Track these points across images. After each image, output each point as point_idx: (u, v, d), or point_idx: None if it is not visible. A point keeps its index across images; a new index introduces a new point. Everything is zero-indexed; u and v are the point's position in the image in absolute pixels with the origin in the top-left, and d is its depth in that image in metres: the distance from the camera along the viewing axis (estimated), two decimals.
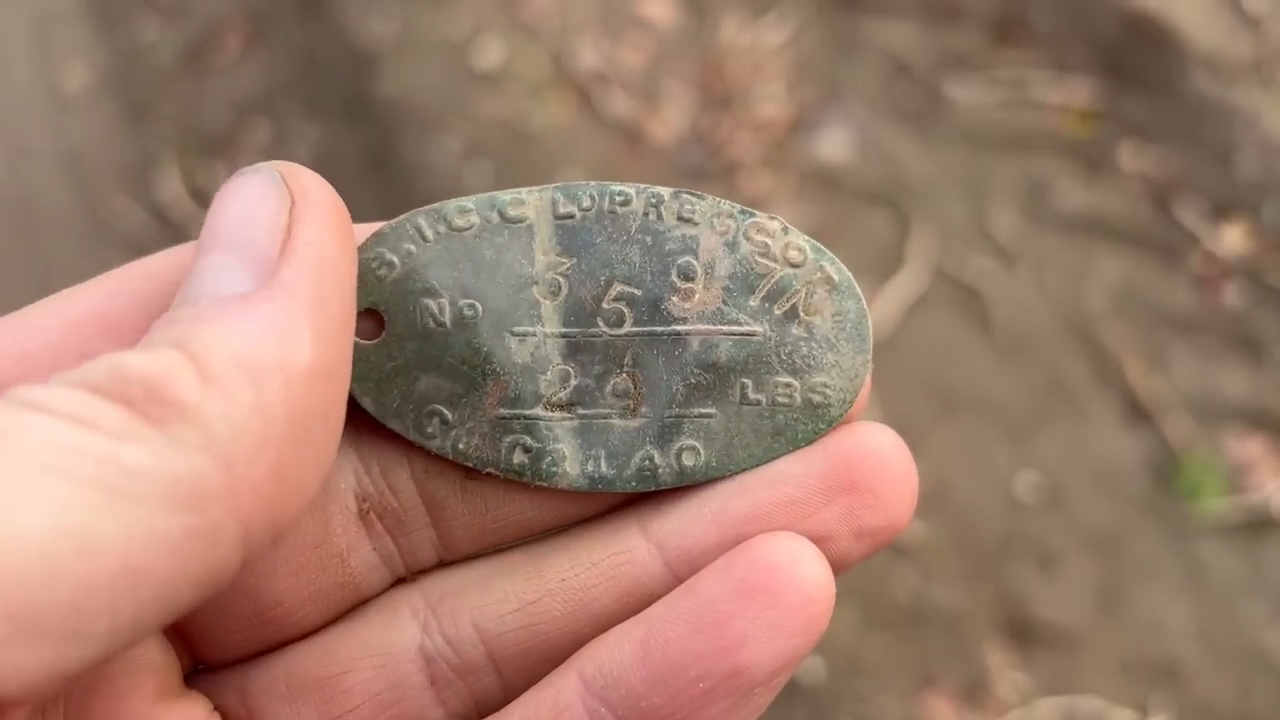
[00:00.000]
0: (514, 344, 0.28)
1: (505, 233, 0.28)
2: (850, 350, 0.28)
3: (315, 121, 1.42)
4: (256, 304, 0.22)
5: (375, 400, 0.27)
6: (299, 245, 0.23)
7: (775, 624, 0.25)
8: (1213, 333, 1.20)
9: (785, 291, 0.28)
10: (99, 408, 0.19)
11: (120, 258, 1.27)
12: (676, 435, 0.28)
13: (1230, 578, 1.08)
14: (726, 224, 0.28)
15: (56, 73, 1.51)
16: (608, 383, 0.28)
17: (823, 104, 1.39)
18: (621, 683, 0.26)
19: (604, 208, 0.28)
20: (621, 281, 0.28)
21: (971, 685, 1.04)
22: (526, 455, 0.28)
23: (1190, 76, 1.34)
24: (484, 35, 1.45)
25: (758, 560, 0.25)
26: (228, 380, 0.20)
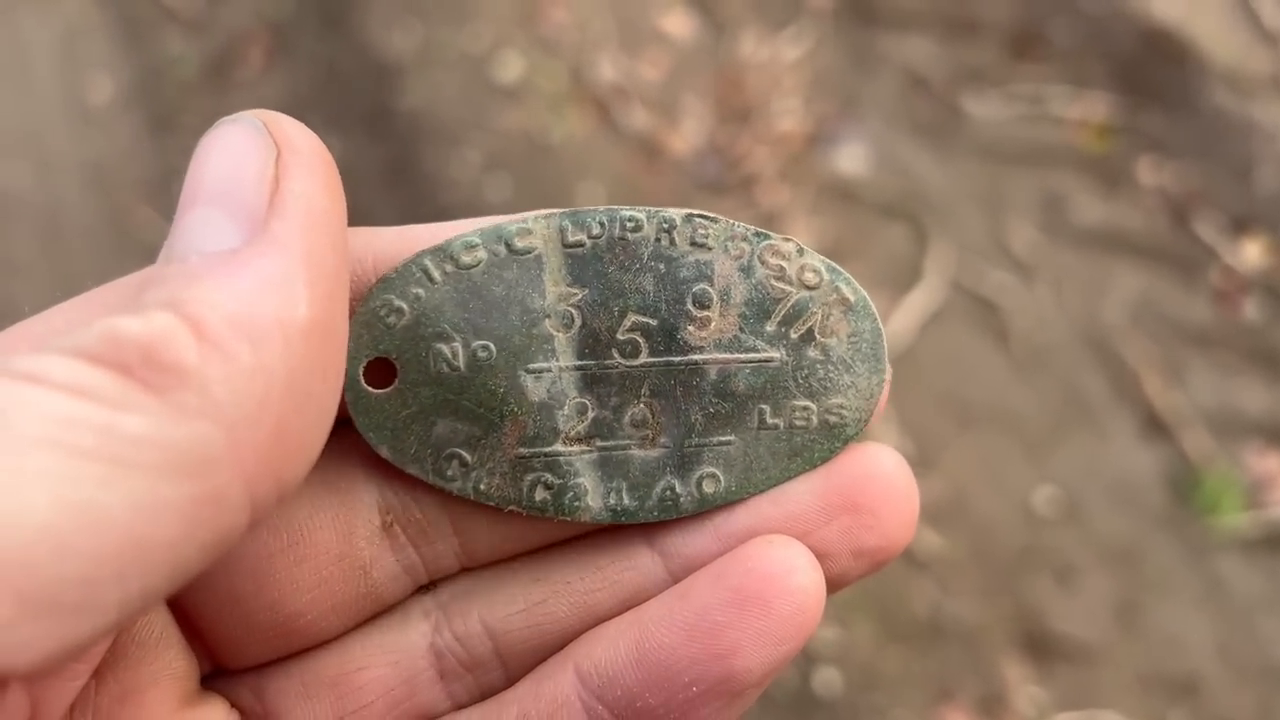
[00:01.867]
0: (530, 382, 0.27)
1: (514, 266, 0.27)
2: (866, 370, 0.28)
3: (337, 134, 1.43)
4: (248, 260, 0.21)
5: (392, 448, 0.27)
6: (287, 197, 0.22)
7: (767, 633, 0.25)
8: (1231, 347, 1.20)
9: (802, 314, 0.28)
10: (96, 376, 0.19)
11: (143, 268, 1.28)
12: (696, 464, 0.28)
13: (1249, 593, 1.07)
14: (741, 247, 0.27)
15: (81, 85, 1.53)
16: (625, 413, 0.28)
17: (840, 118, 1.39)
18: (617, 683, 0.26)
19: (614, 234, 0.27)
20: (636, 311, 0.27)
21: (989, 699, 1.04)
22: (548, 492, 0.28)
23: (1209, 91, 1.34)
24: (504, 49, 1.46)
25: (752, 569, 0.26)
26: (225, 341, 0.20)
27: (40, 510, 0.17)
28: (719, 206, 1.33)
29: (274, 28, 1.54)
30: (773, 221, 1.31)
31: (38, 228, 1.41)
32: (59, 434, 0.18)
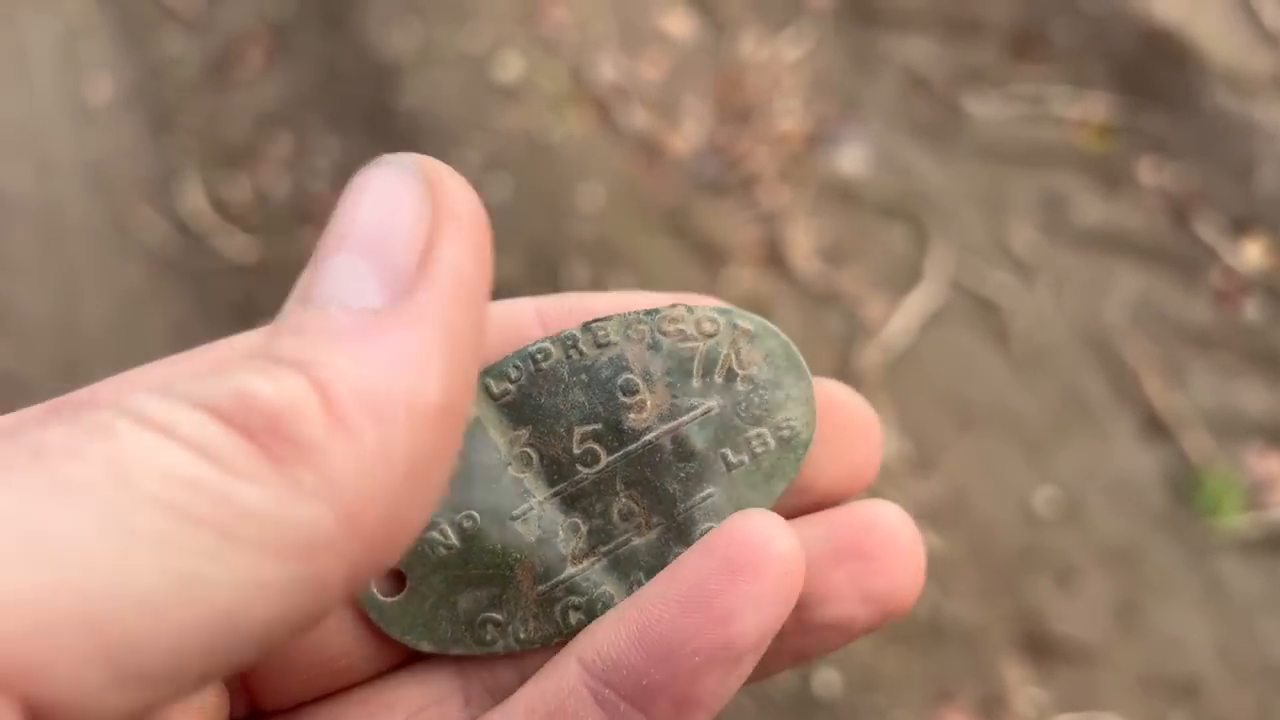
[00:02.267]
0: (520, 528, 0.29)
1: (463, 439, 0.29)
2: (792, 380, 0.30)
3: (337, 134, 1.44)
4: (388, 328, 0.20)
5: (431, 641, 0.29)
6: (438, 263, 0.22)
7: (758, 596, 0.26)
8: (1232, 348, 1.20)
9: (716, 360, 0.29)
10: (222, 438, 0.18)
11: (142, 268, 1.28)
12: (693, 525, 0.29)
13: (1250, 594, 1.07)
14: (640, 330, 0.29)
15: (81, 85, 1.53)
16: (613, 513, 0.29)
17: (841, 118, 1.39)
18: (621, 665, 0.27)
19: (530, 371, 0.29)
20: (580, 424, 0.29)
21: (989, 700, 1.03)
22: (580, 612, 0.29)
23: (1209, 91, 1.34)
24: (504, 49, 1.46)
25: (737, 539, 0.26)
26: (352, 419, 0.19)
27: (144, 578, 0.16)
28: (719, 207, 1.33)
29: (274, 27, 1.54)
30: (773, 221, 1.31)
31: (37, 227, 1.41)
32: (177, 497, 0.17)
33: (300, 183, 1.41)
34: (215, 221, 1.40)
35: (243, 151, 1.45)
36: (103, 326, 1.31)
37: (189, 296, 1.34)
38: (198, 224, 1.40)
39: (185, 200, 1.42)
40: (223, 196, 1.42)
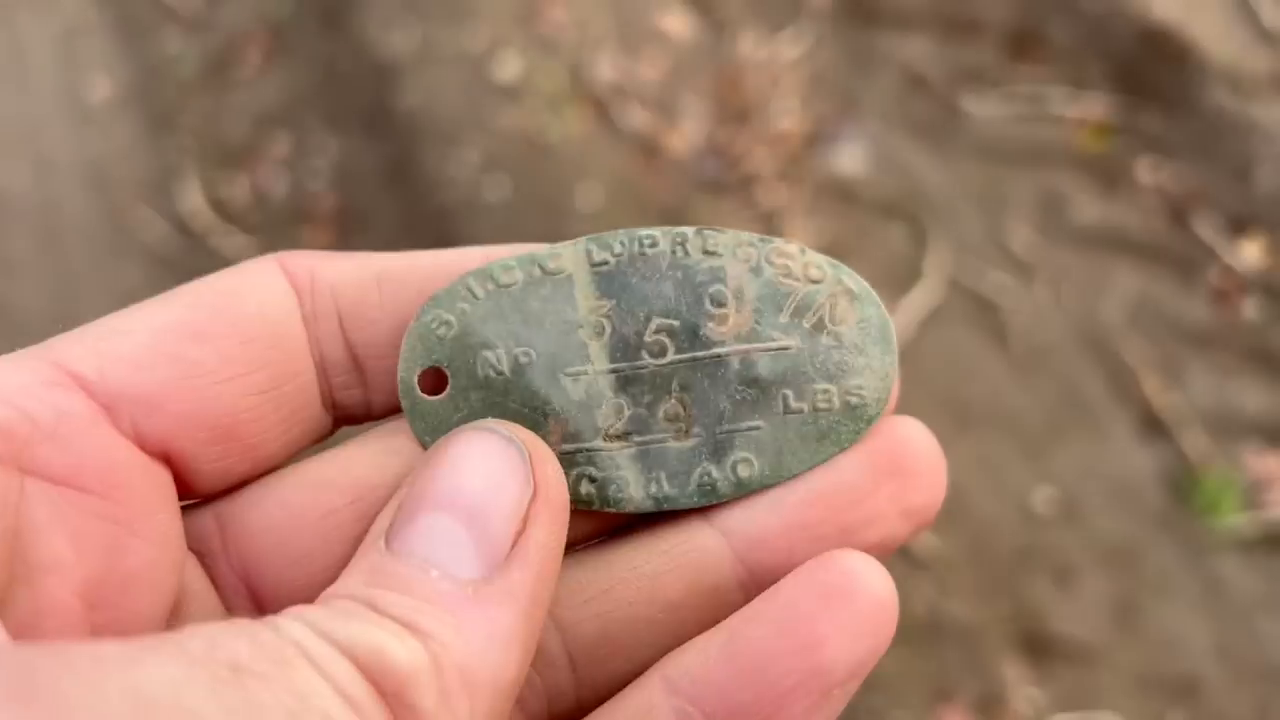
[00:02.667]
0: (568, 384, 0.29)
1: (548, 285, 0.29)
2: (878, 352, 0.30)
3: (335, 134, 1.44)
4: (485, 606, 0.23)
5: None
6: (531, 545, 0.24)
7: (853, 626, 0.26)
8: (1230, 347, 1.20)
9: (811, 305, 0.30)
10: (364, 692, 0.20)
11: (141, 268, 1.28)
12: (729, 449, 0.29)
13: (1249, 594, 1.07)
14: (749, 252, 0.30)
15: (80, 84, 1.53)
16: (659, 409, 0.30)
17: (839, 118, 1.39)
18: (707, 681, 0.27)
19: (634, 251, 0.30)
20: (660, 315, 0.29)
21: (987, 700, 1.04)
22: (593, 485, 0.29)
23: (1208, 91, 1.34)
24: (503, 49, 1.46)
25: (834, 569, 0.27)
26: (453, 694, 0.21)
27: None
28: (718, 206, 1.33)
29: (273, 27, 1.54)
30: (772, 221, 1.31)
31: (36, 227, 1.41)
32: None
33: (299, 182, 1.41)
34: (214, 221, 1.40)
35: (241, 151, 1.45)
36: None
37: None
38: (196, 223, 1.40)
39: (184, 200, 1.42)
40: (221, 196, 1.42)
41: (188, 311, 0.27)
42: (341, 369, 0.29)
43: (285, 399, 0.28)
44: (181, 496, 0.28)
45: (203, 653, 0.19)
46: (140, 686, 0.18)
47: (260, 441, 0.28)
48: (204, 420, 0.27)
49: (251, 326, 0.27)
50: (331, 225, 1.35)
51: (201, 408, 0.26)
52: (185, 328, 0.27)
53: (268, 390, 0.28)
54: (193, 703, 0.18)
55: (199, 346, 0.26)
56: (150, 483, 0.26)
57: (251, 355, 0.27)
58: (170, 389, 0.26)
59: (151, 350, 0.26)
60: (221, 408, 0.27)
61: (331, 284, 0.29)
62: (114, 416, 0.26)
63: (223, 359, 0.27)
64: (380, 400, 0.30)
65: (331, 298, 0.29)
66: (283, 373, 0.28)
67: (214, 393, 0.27)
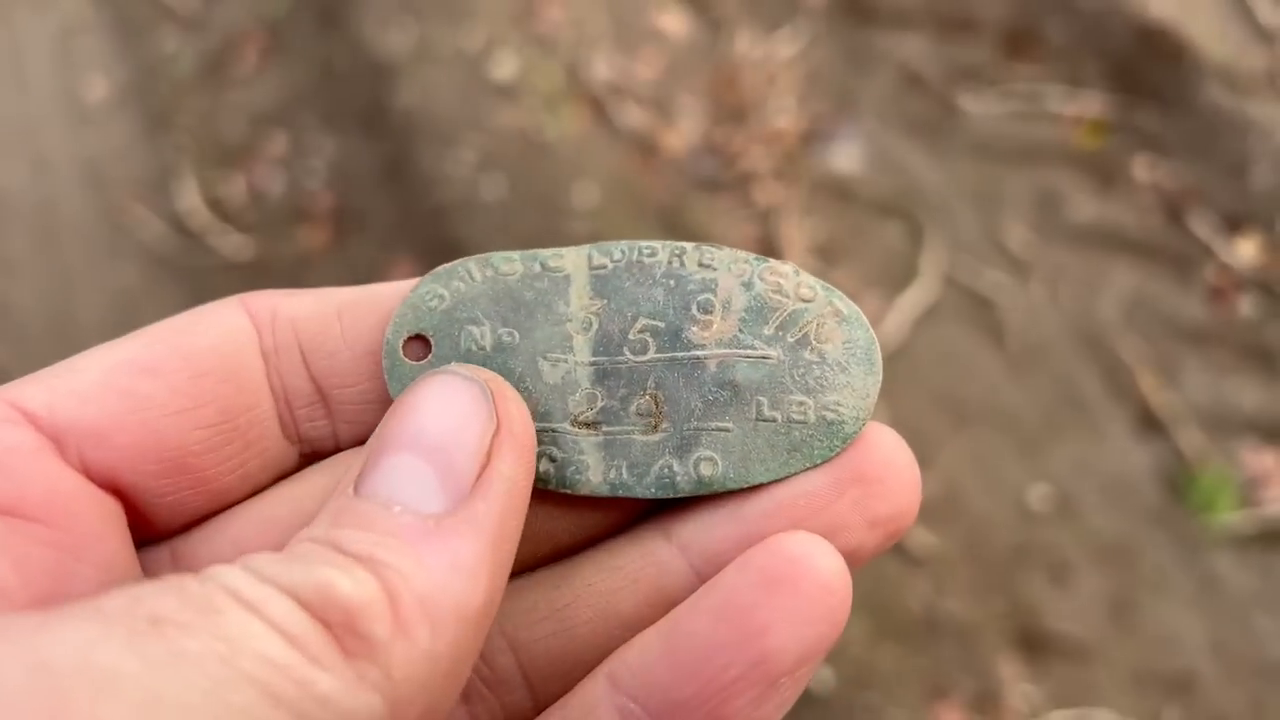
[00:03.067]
0: (546, 367, 0.30)
1: (545, 280, 0.30)
2: (861, 373, 0.30)
3: (332, 133, 1.44)
4: (447, 539, 0.23)
5: None
6: (495, 477, 0.24)
7: (797, 612, 0.25)
8: (1226, 345, 1.20)
9: (797, 322, 0.30)
10: (307, 627, 0.20)
11: (138, 267, 1.28)
12: (695, 446, 0.29)
13: (1244, 591, 1.07)
14: (743, 268, 0.30)
15: (77, 84, 1.53)
16: (632, 403, 0.30)
17: (835, 116, 1.39)
18: (650, 676, 0.27)
19: (633, 259, 0.30)
20: (646, 316, 0.30)
21: (983, 697, 1.04)
22: (552, 464, 0.30)
23: (1204, 89, 1.34)
24: (499, 48, 1.46)
25: (776, 553, 0.26)
26: (412, 622, 0.21)
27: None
28: (715, 204, 1.33)
29: (270, 26, 1.54)
30: (768, 219, 1.31)
31: (32, 226, 1.41)
32: (268, 678, 0.19)
33: (295, 181, 1.41)
34: (210, 220, 1.40)
35: (238, 150, 1.45)
36: (98, 325, 1.31)
37: (184, 295, 1.34)
38: (193, 222, 1.40)
39: (180, 199, 1.42)
40: (218, 195, 1.42)
41: (142, 348, 0.27)
42: (305, 400, 0.30)
43: (238, 432, 0.28)
44: (141, 533, 0.28)
45: (121, 610, 0.19)
46: (44, 653, 0.18)
47: (214, 475, 0.28)
48: (152, 453, 0.27)
49: (204, 361, 0.28)
50: (328, 224, 1.35)
51: (149, 440, 0.27)
52: (136, 363, 0.27)
53: (219, 423, 0.28)
54: (106, 661, 0.18)
55: (148, 381, 0.27)
56: (98, 512, 0.26)
57: (202, 389, 0.27)
58: (118, 422, 0.26)
59: (101, 385, 0.26)
60: (170, 440, 0.27)
61: (292, 318, 0.29)
62: (61, 448, 0.26)
63: (172, 392, 0.27)
64: (347, 431, 0.30)
65: (292, 331, 0.29)
66: (235, 405, 0.28)
67: (162, 425, 0.27)
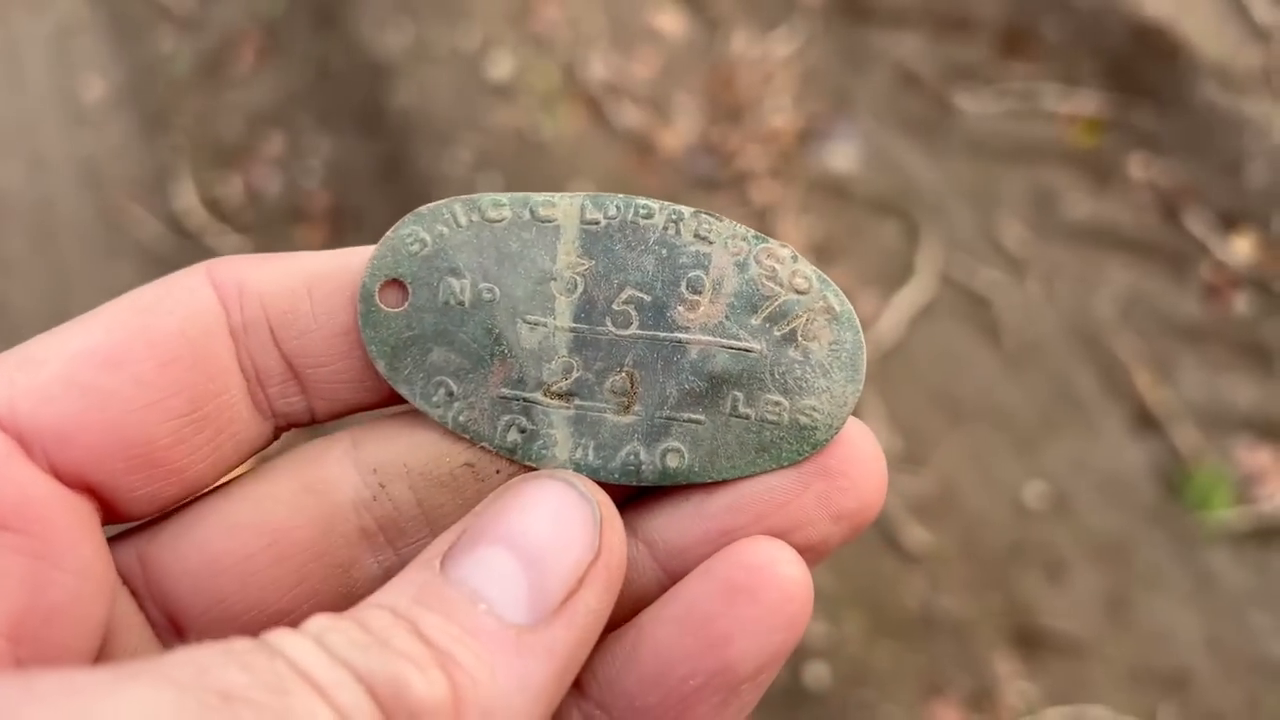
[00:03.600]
0: (525, 330, 0.29)
1: (534, 229, 0.29)
2: (842, 379, 0.29)
3: (328, 132, 1.44)
4: (524, 655, 0.23)
5: (389, 364, 0.29)
6: (581, 607, 0.24)
7: (758, 621, 0.26)
8: (1222, 342, 1.20)
9: (787, 315, 0.29)
10: (368, 712, 0.20)
11: (135, 266, 1.28)
12: (664, 436, 0.29)
13: (1240, 587, 1.08)
14: (740, 246, 0.29)
15: (74, 84, 1.53)
16: (607, 379, 0.29)
17: (832, 115, 1.39)
18: (614, 685, 0.27)
19: (628, 218, 0.29)
20: (633, 286, 0.29)
21: (979, 694, 1.04)
22: (520, 435, 0.29)
23: (1200, 87, 1.34)
24: (495, 47, 1.47)
25: (737, 562, 0.26)
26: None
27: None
28: (712, 203, 1.33)
29: (266, 26, 1.54)
30: (765, 218, 1.31)
31: (30, 226, 1.41)
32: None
33: (292, 181, 1.41)
34: (208, 220, 1.40)
35: (235, 150, 1.45)
36: None
37: None
38: (190, 222, 1.40)
39: (178, 199, 1.42)
40: (215, 195, 1.42)
41: (104, 335, 0.26)
42: (277, 379, 0.29)
43: (208, 419, 0.27)
44: (112, 521, 0.28)
45: (191, 680, 0.19)
46: (122, 716, 0.17)
47: (186, 464, 0.27)
48: (119, 450, 0.26)
49: (171, 347, 0.27)
50: (325, 224, 1.35)
51: (116, 437, 0.26)
52: (99, 354, 0.26)
53: (188, 413, 0.27)
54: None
55: (112, 374, 0.26)
56: (71, 515, 0.25)
57: (169, 379, 0.26)
58: (83, 421, 0.25)
59: (63, 381, 0.25)
60: (137, 436, 0.26)
61: (260, 294, 0.28)
62: (28, 450, 0.25)
63: (138, 385, 0.26)
64: (323, 407, 0.30)
65: (261, 308, 0.28)
66: (204, 393, 0.27)
67: (128, 421, 0.26)
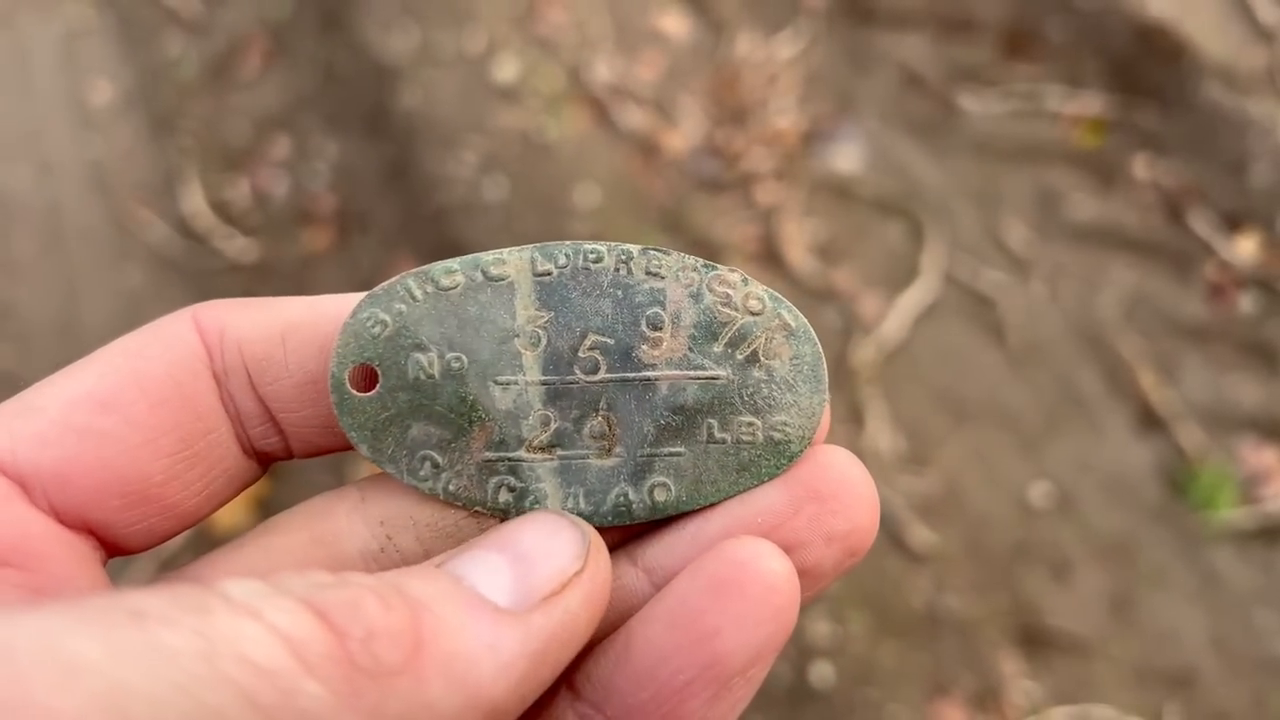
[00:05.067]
0: (498, 392, 0.30)
1: (489, 290, 0.30)
2: (807, 391, 0.30)
3: (335, 136, 1.44)
4: (498, 624, 0.23)
5: (371, 447, 0.29)
6: (561, 605, 0.25)
7: (745, 614, 0.26)
8: (1226, 342, 1.20)
9: (746, 338, 0.30)
10: (312, 633, 0.20)
11: (143, 270, 1.29)
12: (649, 473, 0.30)
13: (1244, 586, 1.08)
14: (691, 277, 0.30)
15: (82, 88, 1.54)
16: (585, 425, 0.30)
17: (836, 116, 1.40)
18: (607, 684, 0.27)
19: (578, 264, 0.30)
20: (595, 332, 0.30)
21: (984, 693, 1.04)
22: (511, 494, 0.30)
23: (1203, 87, 1.34)
24: (501, 50, 1.47)
25: (723, 559, 0.27)
26: (431, 668, 0.21)
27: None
28: (716, 204, 1.33)
29: (273, 29, 1.55)
30: (769, 219, 1.31)
31: (38, 229, 1.42)
32: (249, 681, 0.19)
33: (299, 184, 1.41)
34: (215, 223, 1.41)
35: (242, 153, 1.46)
36: (103, 328, 1.32)
37: (189, 297, 1.34)
38: (198, 225, 1.41)
39: (185, 202, 1.43)
40: (222, 198, 1.43)
41: (97, 380, 0.27)
42: (256, 421, 0.30)
43: (198, 457, 0.29)
44: (115, 555, 0.29)
45: (102, 604, 0.19)
46: (6, 638, 0.17)
47: (179, 499, 0.28)
48: (116, 488, 0.27)
49: (160, 389, 0.28)
50: (332, 226, 1.36)
51: (112, 476, 0.27)
52: (93, 398, 0.27)
53: (179, 451, 0.28)
54: (72, 648, 0.17)
55: (106, 417, 0.27)
56: (69, 552, 0.27)
57: (160, 419, 0.28)
58: (79, 463, 0.27)
59: (61, 425, 0.27)
60: (132, 474, 0.27)
61: (239, 340, 0.29)
62: (29, 493, 0.26)
63: (131, 426, 0.27)
64: (300, 447, 0.31)
65: (239, 354, 0.29)
66: (193, 431, 0.28)
67: (123, 460, 0.27)
